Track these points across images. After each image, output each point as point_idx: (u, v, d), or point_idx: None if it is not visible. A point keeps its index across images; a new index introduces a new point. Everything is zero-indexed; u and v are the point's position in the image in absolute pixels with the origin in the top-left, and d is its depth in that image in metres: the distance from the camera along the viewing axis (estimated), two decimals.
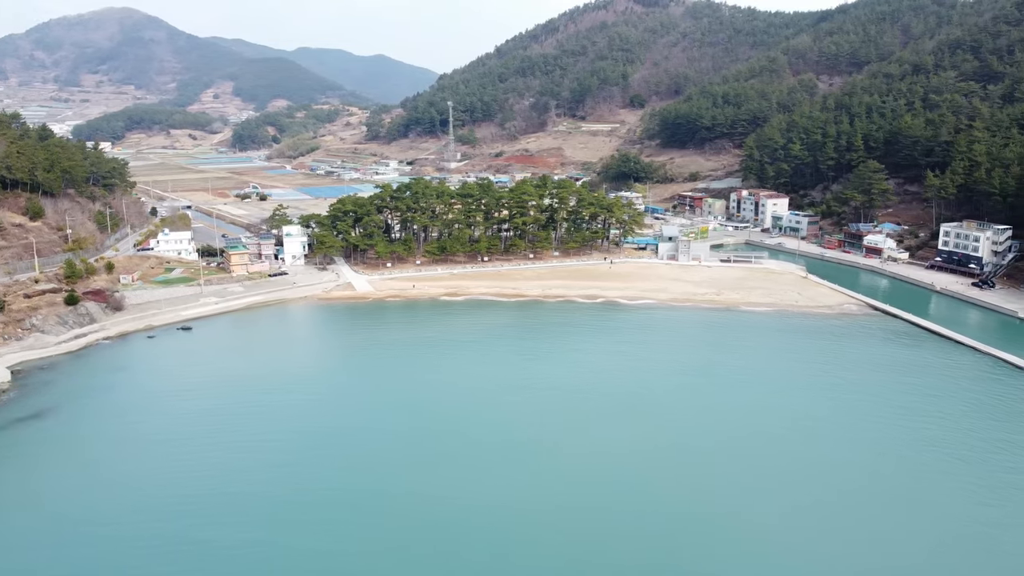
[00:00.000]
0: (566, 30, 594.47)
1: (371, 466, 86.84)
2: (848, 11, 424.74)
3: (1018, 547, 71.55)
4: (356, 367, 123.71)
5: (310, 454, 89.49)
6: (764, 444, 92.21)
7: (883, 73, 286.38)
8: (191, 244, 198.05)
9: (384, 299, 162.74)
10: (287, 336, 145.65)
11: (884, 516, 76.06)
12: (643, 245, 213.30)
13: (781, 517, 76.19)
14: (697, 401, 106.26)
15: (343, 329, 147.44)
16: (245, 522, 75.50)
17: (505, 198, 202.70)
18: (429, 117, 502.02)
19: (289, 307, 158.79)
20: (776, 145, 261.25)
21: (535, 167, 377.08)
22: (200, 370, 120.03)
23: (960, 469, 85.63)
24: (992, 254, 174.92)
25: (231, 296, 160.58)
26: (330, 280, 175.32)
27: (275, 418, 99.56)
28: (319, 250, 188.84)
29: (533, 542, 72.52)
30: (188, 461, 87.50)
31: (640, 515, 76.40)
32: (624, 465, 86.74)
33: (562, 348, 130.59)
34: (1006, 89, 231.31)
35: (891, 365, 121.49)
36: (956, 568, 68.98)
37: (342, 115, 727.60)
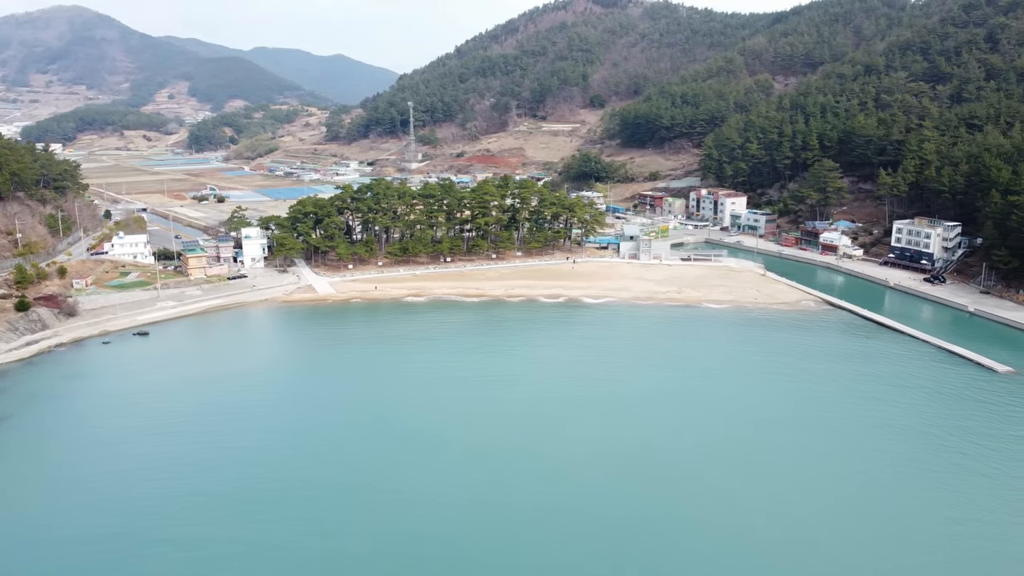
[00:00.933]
0: (526, 30, 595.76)
1: (333, 468, 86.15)
2: (802, 12, 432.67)
3: (972, 528, 73.73)
4: (318, 370, 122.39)
5: (271, 457, 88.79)
6: (729, 437, 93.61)
7: (836, 73, 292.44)
8: (147, 247, 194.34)
9: (346, 301, 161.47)
10: (247, 340, 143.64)
11: (851, 502, 77.92)
12: (605, 244, 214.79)
13: (749, 507, 77.47)
14: (661, 398, 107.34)
15: (305, 332, 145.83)
16: (207, 522, 74.67)
17: (467, 198, 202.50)
18: (390, 117, 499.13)
19: (249, 310, 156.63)
20: (734, 144, 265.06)
21: (497, 167, 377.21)
22: (158, 375, 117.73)
23: (918, 455, 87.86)
24: (943, 250, 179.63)
25: (189, 300, 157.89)
26: (291, 283, 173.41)
27: (236, 423, 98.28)
28: (279, 252, 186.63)
29: (499, 540, 72.67)
30: (148, 464, 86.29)
31: (607, 511, 76.93)
32: (589, 463, 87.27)
33: (526, 347, 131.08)
34: (954, 89, 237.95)
35: (848, 359, 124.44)
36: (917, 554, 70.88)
37: (301, 115, 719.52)
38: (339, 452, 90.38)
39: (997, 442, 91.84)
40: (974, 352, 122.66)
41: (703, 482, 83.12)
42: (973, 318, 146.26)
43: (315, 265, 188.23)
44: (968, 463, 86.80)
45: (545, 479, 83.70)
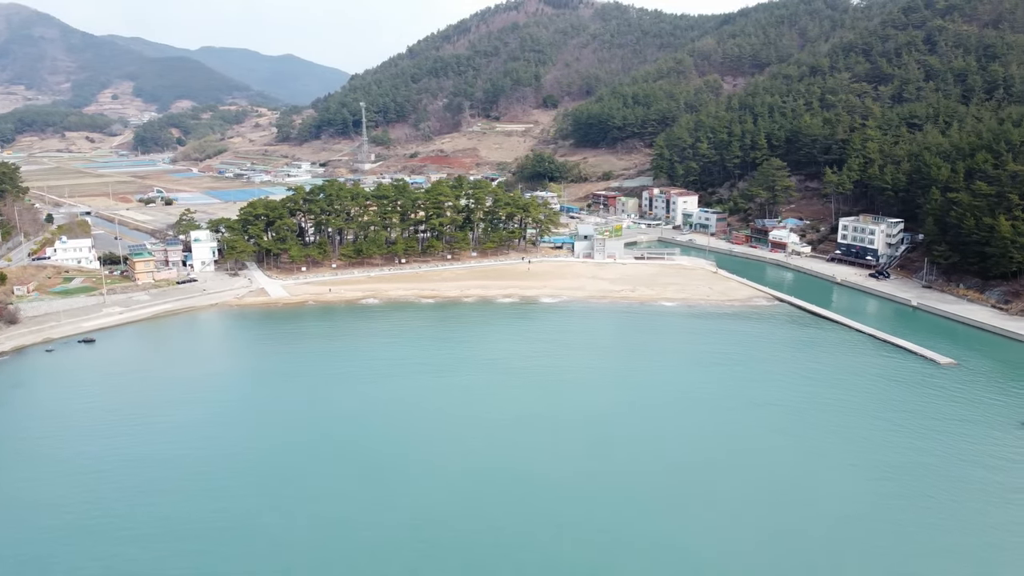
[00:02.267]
0: (478, 31, 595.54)
1: (282, 480, 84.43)
2: (749, 14, 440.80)
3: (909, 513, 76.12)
4: (272, 378, 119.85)
5: (220, 470, 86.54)
6: (683, 432, 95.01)
7: (783, 74, 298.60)
8: (92, 252, 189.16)
9: (300, 304, 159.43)
10: (199, 346, 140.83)
11: (803, 490, 79.82)
12: (560, 244, 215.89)
13: (706, 496, 78.78)
14: (616, 395, 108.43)
15: (257, 336, 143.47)
16: (149, 544, 72.53)
17: (421, 199, 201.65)
18: (341, 118, 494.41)
19: (199, 315, 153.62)
20: (685, 144, 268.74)
21: (451, 167, 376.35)
22: (105, 384, 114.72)
23: (862, 447, 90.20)
24: (887, 246, 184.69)
25: (137, 305, 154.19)
26: (242, 286, 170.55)
27: (186, 439, 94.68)
28: (230, 255, 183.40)
29: (455, 553, 72.61)
30: (91, 481, 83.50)
31: (562, 507, 77.55)
32: (548, 463, 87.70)
33: (482, 348, 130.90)
34: (895, 90, 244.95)
35: (798, 354, 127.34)
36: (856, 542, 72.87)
37: (250, 116, 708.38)
38: (294, 471, 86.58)
39: (941, 430, 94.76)
40: (918, 345, 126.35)
41: (657, 468, 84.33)
42: (916, 312, 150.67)
43: (267, 268, 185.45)
44: (912, 450, 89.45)
45: (506, 484, 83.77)
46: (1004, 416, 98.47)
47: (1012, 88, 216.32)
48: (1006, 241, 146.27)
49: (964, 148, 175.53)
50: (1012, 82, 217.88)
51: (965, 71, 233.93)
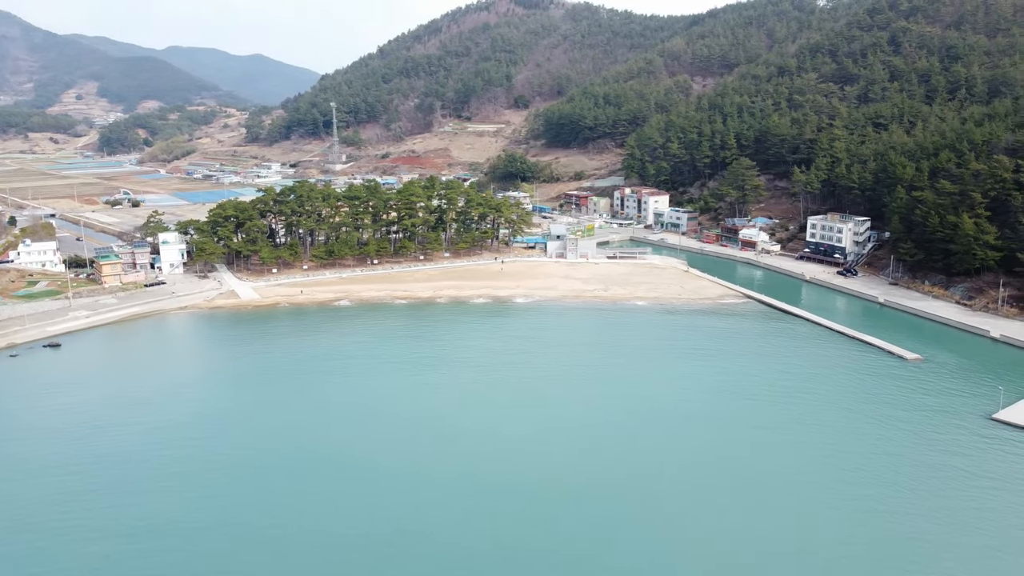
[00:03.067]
0: (448, 31, 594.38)
1: (254, 487, 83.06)
2: (718, 15, 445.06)
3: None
4: (242, 379, 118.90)
5: (191, 479, 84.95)
6: (660, 428, 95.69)
7: (751, 75, 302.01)
8: (56, 255, 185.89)
9: (271, 306, 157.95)
10: (167, 349, 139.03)
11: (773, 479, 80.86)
12: (532, 244, 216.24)
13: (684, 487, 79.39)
14: (592, 394, 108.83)
15: (228, 339, 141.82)
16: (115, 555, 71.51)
17: (393, 200, 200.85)
18: (312, 118, 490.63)
19: (169, 318, 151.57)
20: (655, 144, 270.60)
21: (422, 168, 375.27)
22: (71, 390, 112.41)
23: (833, 439, 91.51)
24: (854, 244, 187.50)
25: (104, 309, 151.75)
26: (212, 288, 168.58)
27: (154, 445, 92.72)
28: (199, 257, 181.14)
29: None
30: (54, 498, 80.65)
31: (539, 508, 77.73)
32: (521, 466, 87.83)
33: (457, 349, 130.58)
34: (861, 90, 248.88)
35: (769, 351, 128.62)
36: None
37: (219, 116, 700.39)
38: (265, 474, 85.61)
39: (908, 422, 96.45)
40: (885, 341, 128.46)
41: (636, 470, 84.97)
42: (883, 308, 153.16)
43: (237, 270, 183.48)
44: (882, 441, 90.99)
45: (486, 488, 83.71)
46: (970, 409, 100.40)
47: (974, 88, 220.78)
48: (969, 239, 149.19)
49: (928, 147, 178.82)
50: (974, 82, 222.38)
51: (928, 72, 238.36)
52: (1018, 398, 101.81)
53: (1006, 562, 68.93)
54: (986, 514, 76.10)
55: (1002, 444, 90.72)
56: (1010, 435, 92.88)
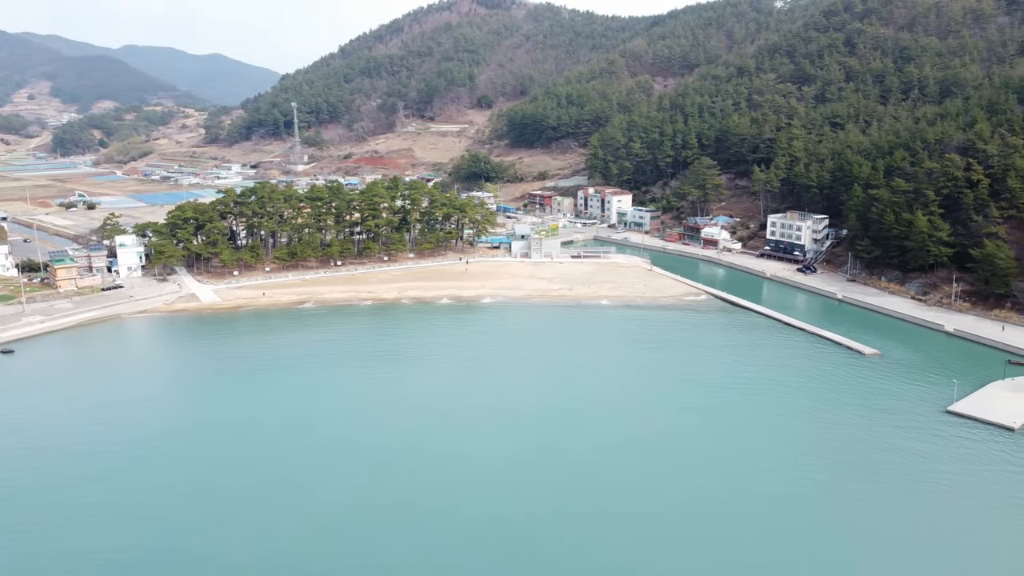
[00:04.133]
0: (411, 31, 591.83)
1: (215, 501, 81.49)
2: (678, 16, 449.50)
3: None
4: (203, 388, 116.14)
5: (146, 483, 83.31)
6: (628, 423, 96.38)
7: (711, 75, 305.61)
8: (9, 259, 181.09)
9: (232, 309, 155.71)
10: (125, 353, 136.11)
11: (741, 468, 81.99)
12: (497, 244, 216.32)
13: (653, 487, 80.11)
14: (561, 392, 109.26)
15: (188, 344, 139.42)
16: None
17: (356, 200, 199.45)
18: (272, 119, 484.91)
19: (127, 322, 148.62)
20: (618, 144, 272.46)
21: (385, 168, 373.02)
22: (26, 398, 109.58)
23: (795, 432, 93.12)
24: (813, 242, 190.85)
25: (59, 314, 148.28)
26: (172, 292, 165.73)
27: (112, 457, 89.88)
28: (158, 260, 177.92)
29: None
30: (7, 511, 78.49)
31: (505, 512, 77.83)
32: (484, 469, 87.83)
33: (420, 351, 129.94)
34: (818, 90, 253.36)
35: (732, 348, 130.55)
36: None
37: (177, 117, 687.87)
38: (223, 483, 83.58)
39: (868, 416, 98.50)
40: (844, 337, 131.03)
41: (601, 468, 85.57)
42: (842, 305, 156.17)
43: (198, 273, 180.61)
44: (843, 435, 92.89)
45: (445, 491, 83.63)
46: (926, 402, 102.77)
47: (926, 89, 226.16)
48: (923, 235, 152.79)
49: (883, 146, 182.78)
50: (926, 83, 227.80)
51: (883, 72, 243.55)
52: (971, 390, 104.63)
53: (958, 539, 71.12)
54: (940, 499, 78.16)
55: (956, 435, 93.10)
56: (964, 426, 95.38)
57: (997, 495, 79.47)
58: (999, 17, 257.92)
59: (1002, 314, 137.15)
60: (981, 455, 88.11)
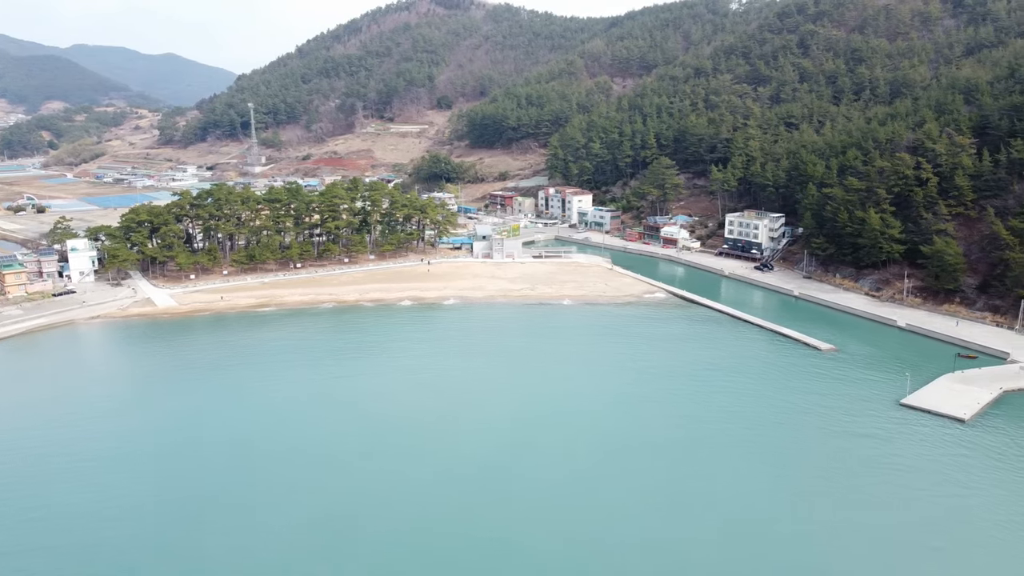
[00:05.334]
0: (369, 31, 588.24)
1: (173, 510, 79.75)
2: (635, 18, 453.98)
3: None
4: (158, 391, 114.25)
5: (101, 495, 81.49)
6: (593, 420, 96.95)
7: (669, 76, 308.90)
8: None
9: (189, 314, 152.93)
10: (78, 362, 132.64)
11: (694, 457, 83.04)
12: (458, 244, 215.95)
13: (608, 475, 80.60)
14: (520, 394, 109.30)
15: (143, 349, 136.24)
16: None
17: (315, 202, 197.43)
18: (229, 119, 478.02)
19: (80, 329, 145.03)
20: (578, 144, 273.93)
21: (345, 169, 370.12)
22: None
23: (754, 426, 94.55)
24: (770, 240, 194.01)
25: (8, 320, 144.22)
26: (126, 296, 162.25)
27: (61, 472, 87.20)
28: (111, 265, 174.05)
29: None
30: None
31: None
32: (446, 472, 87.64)
33: (383, 353, 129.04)
34: (773, 91, 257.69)
35: (692, 345, 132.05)
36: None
37: (130, 118, 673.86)
38: (176, 500, 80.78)
39: (825, 409, 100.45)
40: (801, 333, 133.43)
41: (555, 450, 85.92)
42: (799, 301, 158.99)
43: (153, 277, 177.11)
44: (801, 427, 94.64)
45: (403, 494, 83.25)
46: (881, 396, 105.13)
47: (877, 89, 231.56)
48: (876, 232, 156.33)
49: (836, 146, 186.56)
50: (877, 84, 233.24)
51: (835, 73, 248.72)
52: (924, 383, 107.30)
53: (912, 523, 73.11)
54: (895, 487, 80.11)
55: (910, 427, 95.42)
56: (917, 418, 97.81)
57: (950, 482, 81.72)
58: (945, 20, 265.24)
59: (951, 308, 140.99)
60: (934, 445, 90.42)
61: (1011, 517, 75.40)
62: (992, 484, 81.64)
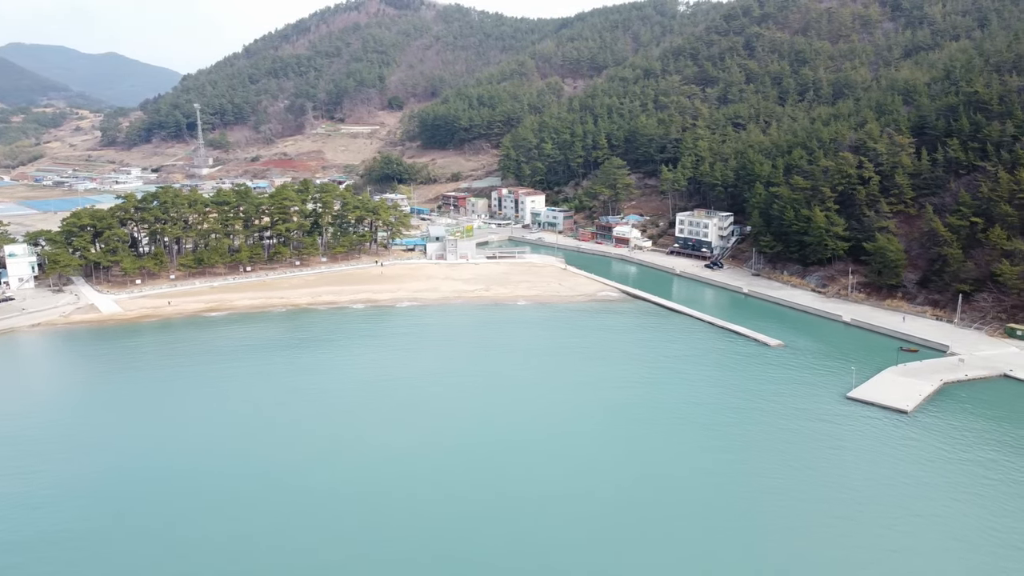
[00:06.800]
0: (318, 31, 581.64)
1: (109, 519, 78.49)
2: (585, 19, 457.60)
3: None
4: (102, 400, 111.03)
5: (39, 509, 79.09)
6: (548, 418, 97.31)
7: (619, 77, 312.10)
8: None
9: (135, 320, 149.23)
10: (16, 370, 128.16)
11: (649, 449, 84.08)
12: (412, 246, 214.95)
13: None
14: (472, 397, 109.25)
15: (87, 357, 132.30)
16: None
17: (265, 204, 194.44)
18: (174, 120, 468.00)
19: (19, 337, 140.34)
20: (530, 145, 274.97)
21: (295, 171, 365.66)
22: None
23: (705, 419, 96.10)
24: (719, 238, 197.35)
25: None
26: (69, 303, 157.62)
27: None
28: (52, 270, 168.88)
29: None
30: None
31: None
32: (402, 475, 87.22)
33: (335, 358, 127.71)
34: (721, 92, 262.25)
35: (644, 343, 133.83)
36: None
37: (70, 119, 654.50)
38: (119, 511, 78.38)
39: (774, 403, 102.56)
40: (750, 329, 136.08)
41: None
42: (748, 298, 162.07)
43: (97, 282, 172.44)
44: (746, 420, 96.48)
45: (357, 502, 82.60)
46: (827, 389, 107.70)
47: (820, 90, 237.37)
48: (821, 230, 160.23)
49: (782, 145, 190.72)
50: (820, 85, 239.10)
51: (780, 75, 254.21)
52: (868, 377, 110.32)
53: (857, 510, 75.11)
54: (842, 475, 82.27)
55: (856, 419, 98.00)
56: (862, 410, 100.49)
57: (894, 470, 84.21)
58: (885, 23, 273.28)
59: (894, 303, 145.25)
60: (878, 436, 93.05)
61: (951, 499, 78.37)
62: (933, 470, 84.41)
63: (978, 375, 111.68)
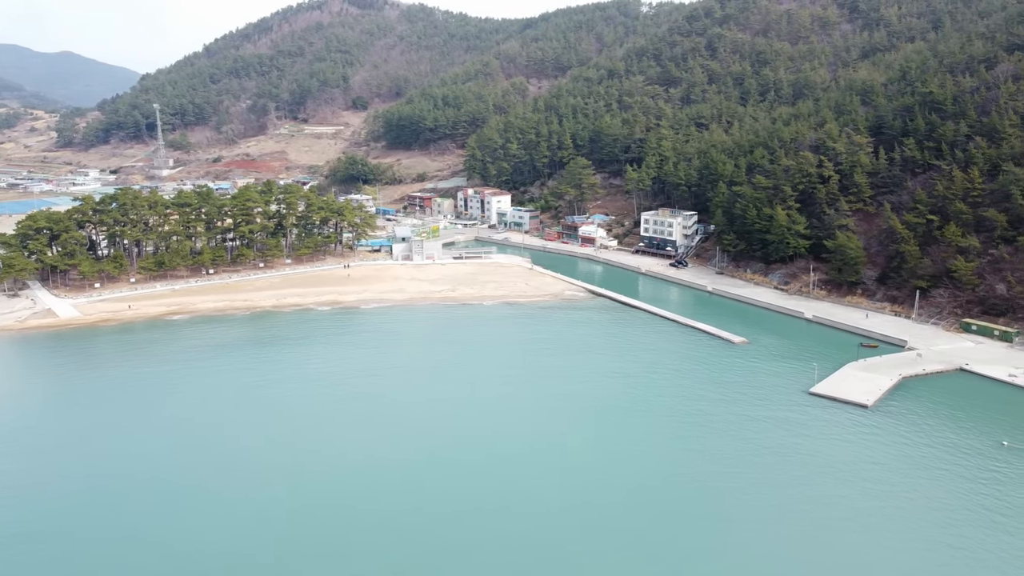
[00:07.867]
0: (280, 30, 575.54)
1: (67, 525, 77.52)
2: (549, 19, 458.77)
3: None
4: (61, 407, 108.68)
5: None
6: (516, 417, 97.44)
7: (584, 77, 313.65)
8: None
9: (94, 324, 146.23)
10: None
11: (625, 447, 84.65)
12: (378, 247, 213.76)
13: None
14: (446, 405, 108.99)
15: (45, 363, 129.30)
16: None
17: (228, 206, 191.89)
18: (133, 121, 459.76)
19: None
20: (496, 145, 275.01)
21: (258, 172, 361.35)
22: None
23: (670, 416, 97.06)
24: (684, 237, 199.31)
25: None
26: (24, 308, 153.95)
27: None
28: (7, 274, 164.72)
29: None
30: None
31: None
32: (367, 480, 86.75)
33: (299, 361, 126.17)
34: (684, 92, 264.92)
35: (609, 340, 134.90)
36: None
37: (24, 119, 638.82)
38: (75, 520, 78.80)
39: (738, 399, 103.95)
40: (715, 327, 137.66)
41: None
42: (712, 296, 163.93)
43: (54, 286, 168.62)
44: (710, 416, 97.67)
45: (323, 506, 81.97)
46: (790, 385, 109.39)
47: (781, 91, 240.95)
48: (783, 229, 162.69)
49: (744, 145, 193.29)
50: (780, 85, 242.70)
51: (742, 75, 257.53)
52: (830, 372, 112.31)
53: (819, 499, 76.46)
54: (804, 467, 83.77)
55: (818, 413, 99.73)
56: (824, 406, 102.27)
57: (856, 461, 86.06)
58: (843, 24, 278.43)
59: (854, 300, 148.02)
60: (840, 430, 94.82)
61: (913, 488, 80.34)
62: (893, 461, 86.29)
63: (935, 369, 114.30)
